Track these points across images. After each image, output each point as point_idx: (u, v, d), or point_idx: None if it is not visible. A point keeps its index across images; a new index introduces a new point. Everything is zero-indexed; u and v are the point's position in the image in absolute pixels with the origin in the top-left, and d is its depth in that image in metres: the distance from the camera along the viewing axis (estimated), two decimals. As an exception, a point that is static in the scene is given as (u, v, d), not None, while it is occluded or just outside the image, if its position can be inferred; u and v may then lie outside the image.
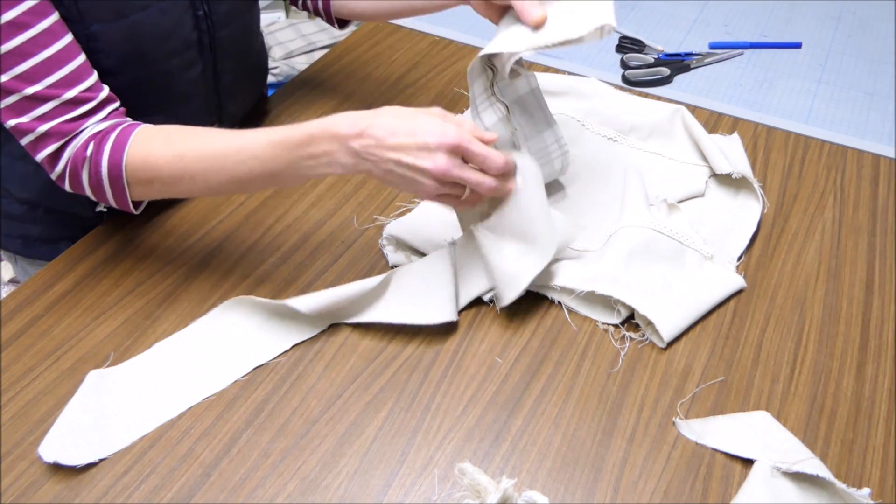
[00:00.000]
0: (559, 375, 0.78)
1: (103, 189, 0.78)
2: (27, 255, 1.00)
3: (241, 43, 0.96)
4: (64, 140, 0.76)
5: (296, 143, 0.72)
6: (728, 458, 0.71)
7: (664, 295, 0.82)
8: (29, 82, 0.73)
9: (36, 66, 0.73)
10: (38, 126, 0.75)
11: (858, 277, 0.90)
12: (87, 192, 0.79)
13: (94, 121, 0.77)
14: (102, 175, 0.76)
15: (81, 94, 0.76)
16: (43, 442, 0.68)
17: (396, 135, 0.71)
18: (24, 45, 0.72)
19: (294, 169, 0.73)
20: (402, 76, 1.18)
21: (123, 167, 0.76)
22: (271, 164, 0.73)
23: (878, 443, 0.73)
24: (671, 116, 1.07)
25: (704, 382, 0.78)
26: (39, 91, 0.73)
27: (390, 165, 0.71)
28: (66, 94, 0.75)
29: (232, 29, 0.93)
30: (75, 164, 0.77)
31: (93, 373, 0.74)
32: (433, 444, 0.71)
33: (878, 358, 0.81)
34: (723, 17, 1.37)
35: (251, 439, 0.71)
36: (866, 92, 1.21)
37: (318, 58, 1.26)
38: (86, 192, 0.79)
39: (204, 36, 0.89)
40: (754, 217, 0.94)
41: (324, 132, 0.72)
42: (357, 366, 0.78)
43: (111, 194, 0.78)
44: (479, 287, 0.83)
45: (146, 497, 0.67)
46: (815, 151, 1.08)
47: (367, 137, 0.71)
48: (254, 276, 0.86)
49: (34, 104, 0.74)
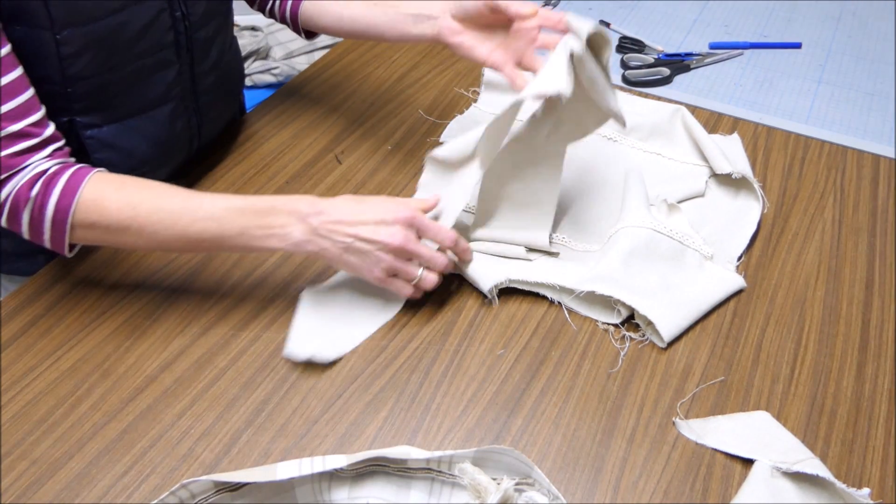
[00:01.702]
0: (559, 375, 0.78)
1: (42, 231, 0.74)
2: (5, 272, 0.96)
3: (217, 43, 0.95)
4: (6, 175, 0.73)
5: (255, 210, 0.75)
6: (728, 458, 0.71)
7: (664, 295, 0.82)
8: None
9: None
10: None
11: (858, 277, 0.90)
12: (22, 230, 0.75)
13: (39, 158, 0.74)
14: (46, 217, 0.73)
15: (27, 129, 0.73)
16: (287, 346, 0.77)
17: (355, 213, 0.75)
18: None
19: (245, 237, 0.75)
20: (402, 76, 1.18)
21: (71, 211, 0.73)
22: (226, 227, 0.74)
23: (878, 443, 0.73)
24: (671, 116, 1.07)
25: (704, 382, 0.78)
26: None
27: (348, 241, 0.75)
28: (10, 127, 0.72)
29: (209, 29, 0.91)
30: (16, 203, 0.73)
31: (306, 290, 0.83)
32: (433, 444, 0.71)
33: (878, 358, 0.81)
34: (723, 17, 1.38)
35: (251, 439, 0.71)
36: (866, 92, 1.21)
37: (318, 58, 1.27)
38: (21, 230, 0.75)
39: (181, 37, 0.87)
40: (754, 217, 0.94)
41: (285, 206, 0.75)
42: (357, 366, 0.78)
43: (48, 237, 0.75)
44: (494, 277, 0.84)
45: (146, 497, 0.67)
46: (815, 151, 1.08)
47: (326, 215, 0.75)
48: (254, 276, 0.86)
49: None
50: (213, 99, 0.97)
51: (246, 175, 0.99)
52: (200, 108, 0.95)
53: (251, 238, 0.75)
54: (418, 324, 0.82)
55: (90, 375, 0.76)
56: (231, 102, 1.05)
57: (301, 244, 0.75)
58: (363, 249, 0.75)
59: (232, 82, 1.03)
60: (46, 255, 0.88)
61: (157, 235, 0.74)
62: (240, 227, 0.74)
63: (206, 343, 0.79)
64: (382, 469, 0.67)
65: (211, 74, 0.95)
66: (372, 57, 1.23)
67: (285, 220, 0.75)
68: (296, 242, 0.75)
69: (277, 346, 0.79)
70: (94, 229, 0.75)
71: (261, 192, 0.97)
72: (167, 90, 0.89)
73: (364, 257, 0.75)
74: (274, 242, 0.75)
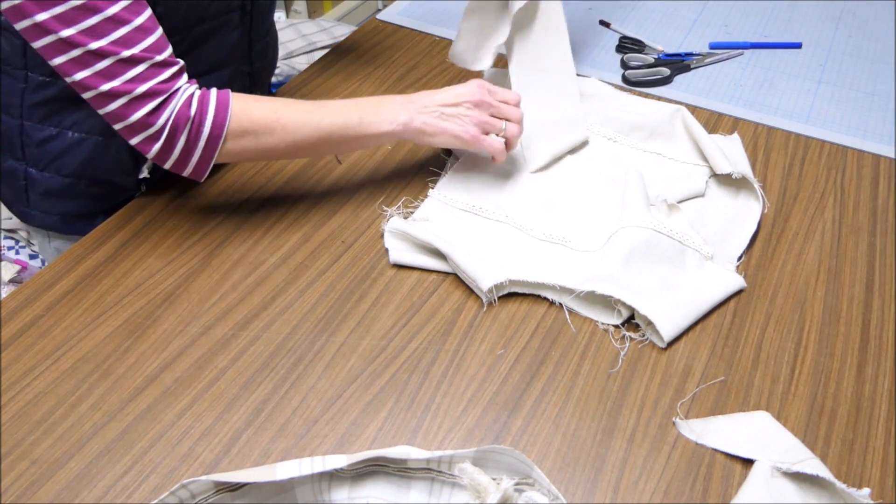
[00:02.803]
0: (559, 375, 0.78)
1: (195, 149, 0.82)
2: (64, 232, 1.00)
3: (267, 14, 1.03)
4: (163, 97, 0.79)
5: (367, 103, 0.89)
6: (728, 458, 0.71)
7: (664, 295, 0.82)
8: (124, 46, 0.76)
9: (131, 32, 0.76)
10: (134, 88, 0.77)
11: (858, 277, 0.90)
12: (175, 151, 0.82)
13: (184, 82, 0.81)
14: (203, 133, 0.82)
15: (169, 59, 0.80)
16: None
17: (437, 94, 0.91)
18: (120, 13, 0.75)
19: (364, 123, 0.88)
20: (402, 76, 1.18)
21: (227, 124, 0.82)
22: (348, 117, 0.87)
23: (878, 443, 0.73)
24: (671, 117, 1.07)
25: (704, 382, 0.78)
26: (135, 54, 0.76)
27: (441, 109, 0.90)
28: (157, 56, 0.78)
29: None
30: (177, 122, 0.80)
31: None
32: (433, 445, 0.71)
33: (878, 358, 0.81)
34: (723, 17, 1.37)
35: (251, 439, 0.71)
36: (866, 92, 1.21)
37: (318, 58, 1.27)
38: (174, 151, 0.82)
39: (247, 2, 0.96)
40: (754, 217, 0.94)
41: (388, 98, 0.91)
42: (357, 366, 0.78)
43: (199, 154, 0.83)
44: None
45: (146, 497, 0.67)
46: (815, 151, 1.08)
47: (418, 100, 0.91)
48: (254, 276, 0.86)
49: (127, 67, 0.77)
50: (263, 66, 1.06)
51: (246, 175, 0.99)
52: (253, 73, 1.04)
53: (369, 124, 0.88)
54: (418, 324, 0.82)
55: (90, 375, 0.76)
56: (269, 73, 1.12)
57: (407, 123, 0.89)
58: (454, 113, 0.90)
59: (274, 54, 1.12)
60: (103, 216, 0.95)
61: (298, 133, 0.85)
62: (358, 116, 0.88)
63: (206, 343, 0.80)
64: (382, 469, 0.67)
65: (262, 41, 1.04)
66: (371, 57, 1.23)
67: (390, 106, 0.89)
68: (403, 122, 0.89)
69: (277, 346, 0.79)
70: (245, 136, 0.84)
71: (261, 191, 0.97)
72: (230, 52, 0.97)
73: (457, 120, 0.90)
74: (386, 126, 0.89)
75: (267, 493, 0.64)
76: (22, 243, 1.68)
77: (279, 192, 0.97)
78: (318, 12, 2.39)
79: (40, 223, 1.00)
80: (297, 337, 0.80)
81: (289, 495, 0.65)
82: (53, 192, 0.96)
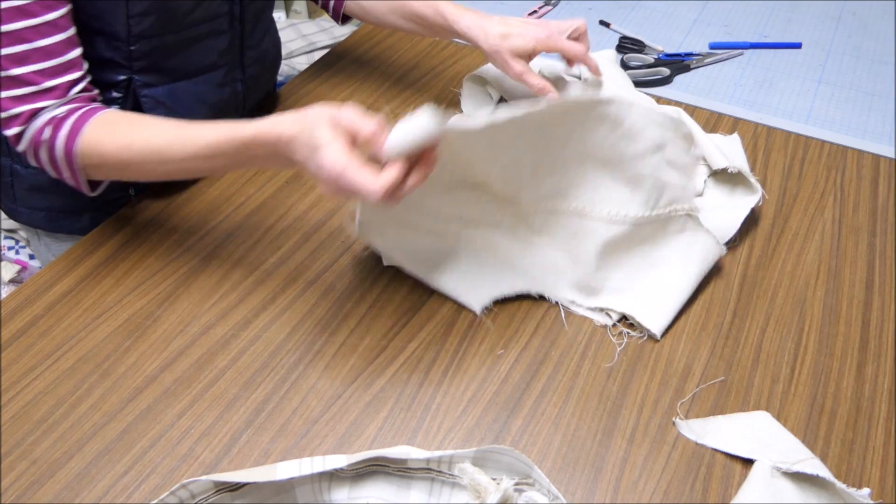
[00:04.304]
0: (559, 375, 0.78)
1: (61, 170, 0.81)
2: (50, 230, 1.01)
3: (264, 20, 1.02)
4: (24, 120, 0.78)
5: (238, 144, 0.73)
6: (728, 458, 0.71)
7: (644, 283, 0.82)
8: (17, 64, 0.76)
9: (28, 52, 0.76)
10: (10, 107, 0.77)
11: (858, 277, 0.90)
12: (47, 168, 0.82)
13: (56, 104, 0.79)
14: (57, 158, 0.80)
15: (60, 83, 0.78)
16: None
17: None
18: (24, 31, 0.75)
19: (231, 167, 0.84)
20: (402, 77, 1.18)
21: (74, 153, 0.79)
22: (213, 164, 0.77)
23: (878, 443, 0.73)
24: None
25: (704, 382, 0.78)
26: (23, 74, 0.76)
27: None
28: (44, 83, 0.77)
29: (258, 5, 0.98)
30: (34, 145, 0.80)
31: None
32: (433, 444, 0.71)
33: (878, 358, 0.81)
34: (723, 17, 1.37)
35: (251, 439, 0.71)
36: (866, 92, 1.21)
37: (318, 58, 1.27)
38: (47, 169, 0.82)
39: (235, 8, 0.94)
40: (748, 203, 0.93)
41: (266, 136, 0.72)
42: (357, 366, 0.78)
43: (68, 176, 0.82)
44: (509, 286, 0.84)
45: (146, 497, 0.67)
46: (815, 151, 1.08)
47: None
48: (254, 276, 0.86)
49: (15, 85, 0.76)
50: (257, 73, 1.04)
51: (246, 175, 0.99)
52: (247, 79, 1.02)
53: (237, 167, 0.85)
54: (418, 324, 0.82)
55: (90, 375, 0.76)
56: (271, 77, 1.11)
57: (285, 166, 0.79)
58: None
59: (273, 61, 1.10)
60: (92, 215, 0.95)
61: (155, 171, 0.79)
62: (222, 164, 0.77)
63: (206, 343, 0.80)
64: (382, 469, 0.67)
65: (256, 49, 1.02)
66: (371, 57, 1.23)
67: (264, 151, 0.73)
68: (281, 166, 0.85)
69: (277, 346, 0.79)
70: (102, 169, 0.80)
71: (261, 191, 0.97)
72: (218, 57, 0.95)
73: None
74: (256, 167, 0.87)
75: (267, 493, 0.64)
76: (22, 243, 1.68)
77: (279, 193, 0.97)
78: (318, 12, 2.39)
79: (28, 220, 1.01)
80: (297, 337, 0.80)
81: (289, 495, 0.65)
82: (40, 187, 0.97)
